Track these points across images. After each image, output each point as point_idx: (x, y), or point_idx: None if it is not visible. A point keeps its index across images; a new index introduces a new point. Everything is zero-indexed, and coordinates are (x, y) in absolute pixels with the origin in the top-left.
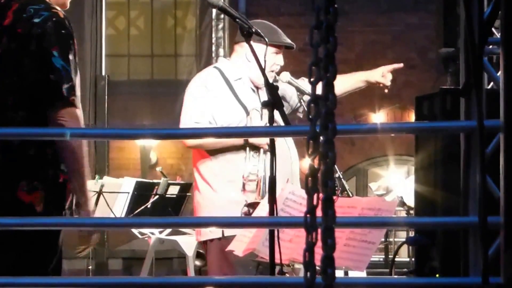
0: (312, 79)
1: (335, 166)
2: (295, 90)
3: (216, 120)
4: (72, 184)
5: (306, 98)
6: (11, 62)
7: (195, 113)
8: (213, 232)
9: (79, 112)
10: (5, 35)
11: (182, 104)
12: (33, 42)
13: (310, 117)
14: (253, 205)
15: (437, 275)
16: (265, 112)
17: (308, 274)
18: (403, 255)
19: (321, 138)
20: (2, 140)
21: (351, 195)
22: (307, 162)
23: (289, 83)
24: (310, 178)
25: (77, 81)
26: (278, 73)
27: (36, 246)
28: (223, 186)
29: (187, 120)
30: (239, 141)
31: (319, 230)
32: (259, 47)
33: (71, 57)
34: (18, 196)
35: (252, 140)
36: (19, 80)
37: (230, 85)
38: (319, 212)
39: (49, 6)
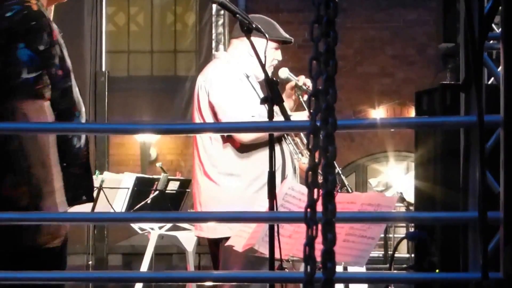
0: (312, 74)
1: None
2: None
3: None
4: (38, 175)
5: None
6: None
7: (247, 106)
8: (233, 229)
9: (45, 103)
10: None
11: (214, 100)
12: (2, 36)
13: (311, 111)
14: None
15: (437, 271)
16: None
17: (308, 268)
18: (403, 251)
19: (321, 132)
20: None
21: (350, 191)
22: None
23: (288, 78)
24: (310, 173)
25: (57, 72)
26: (277, 69)
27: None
28: (250, 181)
29: (240, 114)
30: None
31: (319, 225)
32: (259, 42)
33: (41, 47)
34: (4, 192)
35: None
36: None
37: (249, 80)
38: (318, 208)
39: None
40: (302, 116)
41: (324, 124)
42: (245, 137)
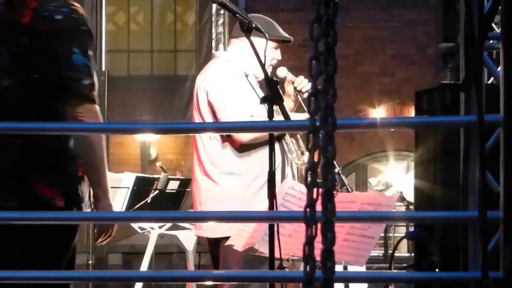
0: (312, 73)
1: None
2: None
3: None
4: (91, 178)
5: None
6: (32, 60)
7: (247, 106)
8: (234, 229)
9: (98, 108)
10: (25, 33)
11: (213, 99)
12: (54, 39)
13: (310, 111)
14: None
15: (437, 270)
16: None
17: (308, 267)
18: (403, 250)
19: (321, 132)
20: (23, 136)
21: (350, 191)
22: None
23: (286, 78)
24: (310, 172)
25: (95, 77)
26: (276, 68)
27: (48, 245)
28: (250, 181)
29: (239, 114)
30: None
31: (319, 225)
32: (258, 42)
33: (90, 53)
34: (38, 191)
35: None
36: (39, 77)
37: (248, 80)
38: (318, 207)
39: (68, 2)
40: (301, 117)
41: (323, 124)
42: (244, 137)
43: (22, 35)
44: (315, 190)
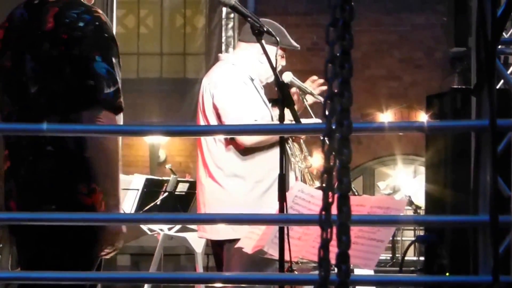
0: (328, 76)
1: None
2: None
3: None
4: (105, 188)
5: (309, 97)
6: (56, 68)
7: (251, 110)
8: (237, 232)
9: (116, 117)
10: (47, 41)
11: (218, 102)
12: (76, 47)
13: (326, 114)
14: None
15: (447, 274)
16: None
17: (323, 271)
18: (410, 254)
19: (337, 135)
20: (58, 145)
21: (356, 194)
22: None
23: (291, 82)
24: (325, 175)
25: (120, 84)
26: (281, 73)
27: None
28: (255, 184)
29: (243, 117)
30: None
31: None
32: (268, 48)
33: (114, 60)
34: (80, 199)
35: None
36: (62, 85)
37: (254, 84)
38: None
39: (90, 9)
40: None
41: (339, 127)
42: (247, 140)
43: (45, 42)
44: (330, 193)
